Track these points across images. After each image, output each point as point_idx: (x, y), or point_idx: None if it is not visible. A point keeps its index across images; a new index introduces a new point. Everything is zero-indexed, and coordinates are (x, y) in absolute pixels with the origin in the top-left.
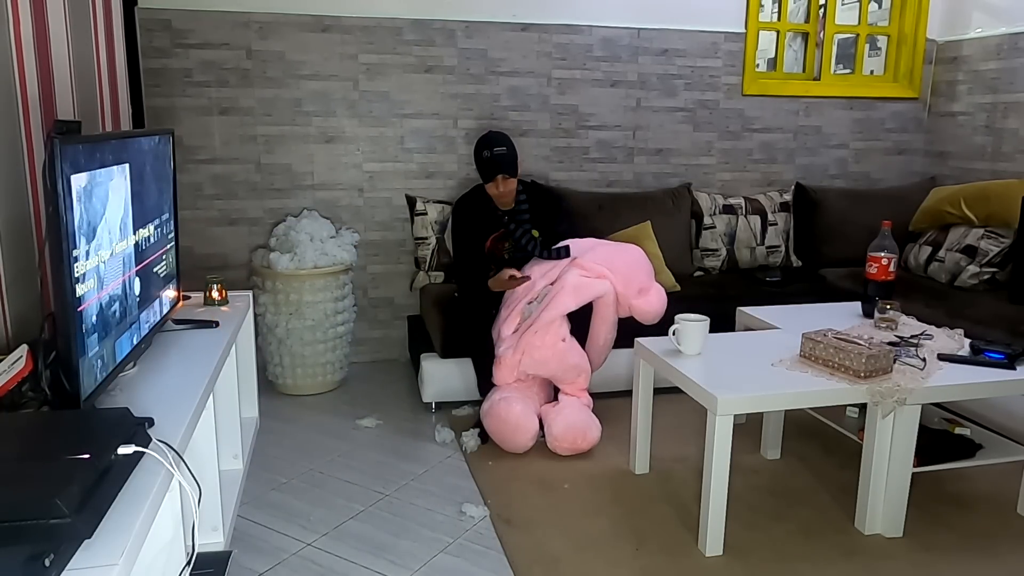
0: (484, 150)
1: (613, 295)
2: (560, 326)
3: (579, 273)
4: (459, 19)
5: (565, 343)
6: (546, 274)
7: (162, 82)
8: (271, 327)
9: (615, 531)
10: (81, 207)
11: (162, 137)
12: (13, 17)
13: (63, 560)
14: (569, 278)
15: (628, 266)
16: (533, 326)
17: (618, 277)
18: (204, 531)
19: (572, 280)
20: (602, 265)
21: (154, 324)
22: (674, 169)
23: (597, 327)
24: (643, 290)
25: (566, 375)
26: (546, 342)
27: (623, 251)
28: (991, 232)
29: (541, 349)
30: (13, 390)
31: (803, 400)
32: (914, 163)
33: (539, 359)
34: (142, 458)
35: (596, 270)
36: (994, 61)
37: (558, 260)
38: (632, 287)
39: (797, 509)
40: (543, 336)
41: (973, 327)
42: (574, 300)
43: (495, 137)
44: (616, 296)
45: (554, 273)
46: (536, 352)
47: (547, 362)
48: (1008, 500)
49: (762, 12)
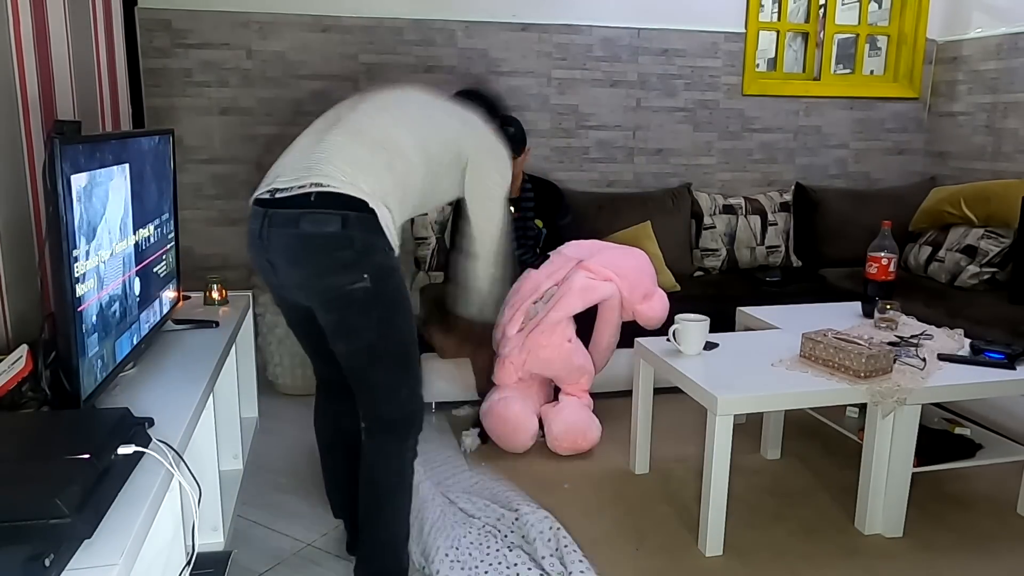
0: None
1: (618, 298)
2: (566, 327)
3: (586, 275)
4: (459, 19)
5: (571, 344)
6: (552, 275)
7: (162, 82)
8: (271, 327)
9: (615, 531)
10: (81, 207)
11: (162, 137)
12: (13, 17)
13: (63, 560)
14: (576, 280)
15: (634, 271)
16: (540, 326)
17: (624, 282)
18: (204, 531)
19: (579, 282)
20: (609, 269)
21: (154, 324)
22: (674, 169)
23: (601, 329)
24: (647, 295)
25: (570, 376)
26: (552, 342)
27: (629, 255)
28: (991, 232)
29: (547, 348)
30: (13, 390)
31: (803, 400)
32: (914, 163)
33: (545, 358)
34: (142, 458)
35: (603, 273)
36: (994, 61)
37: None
38: (637, 292)
39: (797, 509)
40: (549, 336)
41: (973, 327)
42: (581, 302)
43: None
44: (621, 300)
45: (560, 274)
46: (542, 351)
47: (552, 362)
48: (1008, 500)
49: (762, 12)
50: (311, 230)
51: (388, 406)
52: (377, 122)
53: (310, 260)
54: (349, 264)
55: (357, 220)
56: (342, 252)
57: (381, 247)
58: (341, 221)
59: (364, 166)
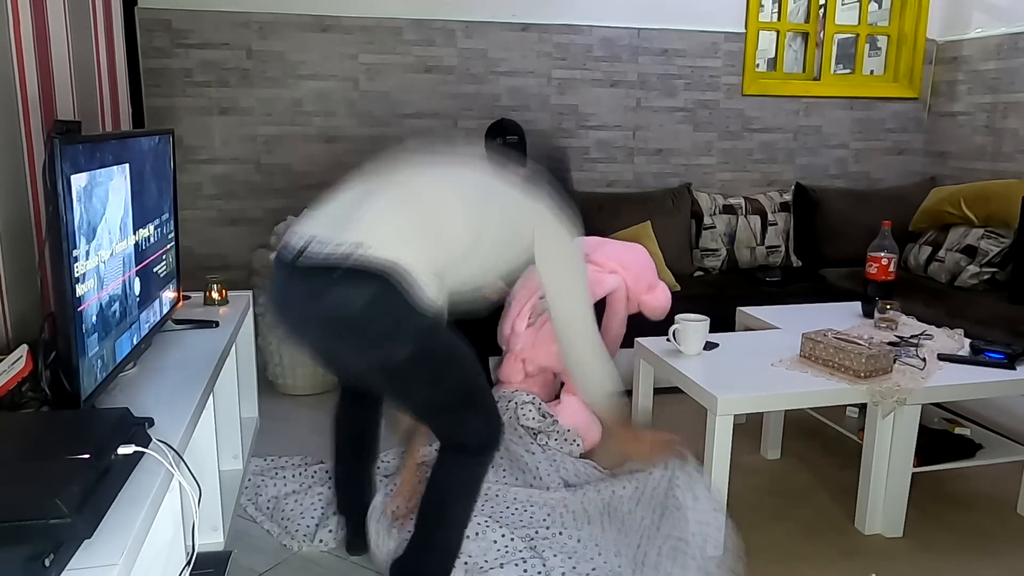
0: (497, 137)
1: (624, 290)
2: None
3: (593, 268)
4: (459, 19)
5: None
6: None
7: (162, 82)
8: (271, 327)
9: None
10: (81, 207)
11: (162, 137)
12: (13, 17)
13: (63, 560)
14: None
15: (637, 263)
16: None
17: (629, 273)
18: (204, 531)
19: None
20: (613, 261)
21: (154, 324)
22: (674, 169)
23: (609, 321)
24: (651, 286)
25: None
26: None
27: (631, 249)
28: (991, 232)
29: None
30: (13, 390)
31: (803, 400)
32: (914, 163)
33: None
34: (142, 458)
35: (608, 265)
36: (994, 61)
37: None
38: (642, 283)
39: (797, 509)
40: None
41: (973, 327)
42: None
43: (507, 125)
44: (627, 291)
45: None
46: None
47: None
48: (1008, 500)
49: (762, 12)
50: (342, 302)
51: (462, 436)
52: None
53: (344, 337)
54: (386, 334)
55: (390, 287)
56: (378, 326)
57: (419, 309)
58: (375, 291)
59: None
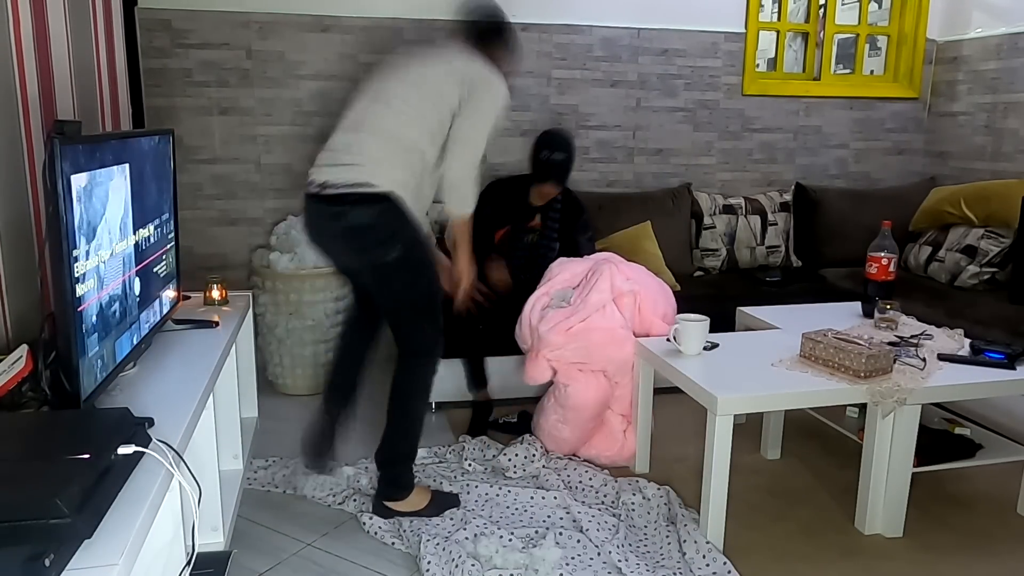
0: (544, 150)
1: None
2: (614, 311)
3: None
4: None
5: (624, 331)
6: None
7: (162, 82)
8: (271, 327)
9: None
10: (81, 207)
11: (162, 137)
12: (13, 17)
13: (63, 560)
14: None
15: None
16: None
17: (647, 292)
18: (204, 531)
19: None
20: (633, 279)
21: (154, 324)
22: (674, 169)
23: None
24: (665, 316)
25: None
26: (603, 325)
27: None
28: (991, 232)
29: (599, 332)
30: (13, 390)
31: (803, 400)
32: (914, 163)
33: (597, 342)
34: (142, 458)
35: (627, 272)
36: (994, 61)
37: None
38: (658, 309)
39: (797, 509)
40: (600, 317)
41: (973, 327)
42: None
43: (558, 140)
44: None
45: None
46: (593, 335)
47: (604, 347)
48: (1008, 500)
49: (762, 12)
50: (354, 223)
51: (415, 340)
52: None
53: (353, 244)
54: (384, 241)
55: (388, 209)
56: (378, 233)
57: (410, 225)
58: (376, 212)
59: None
